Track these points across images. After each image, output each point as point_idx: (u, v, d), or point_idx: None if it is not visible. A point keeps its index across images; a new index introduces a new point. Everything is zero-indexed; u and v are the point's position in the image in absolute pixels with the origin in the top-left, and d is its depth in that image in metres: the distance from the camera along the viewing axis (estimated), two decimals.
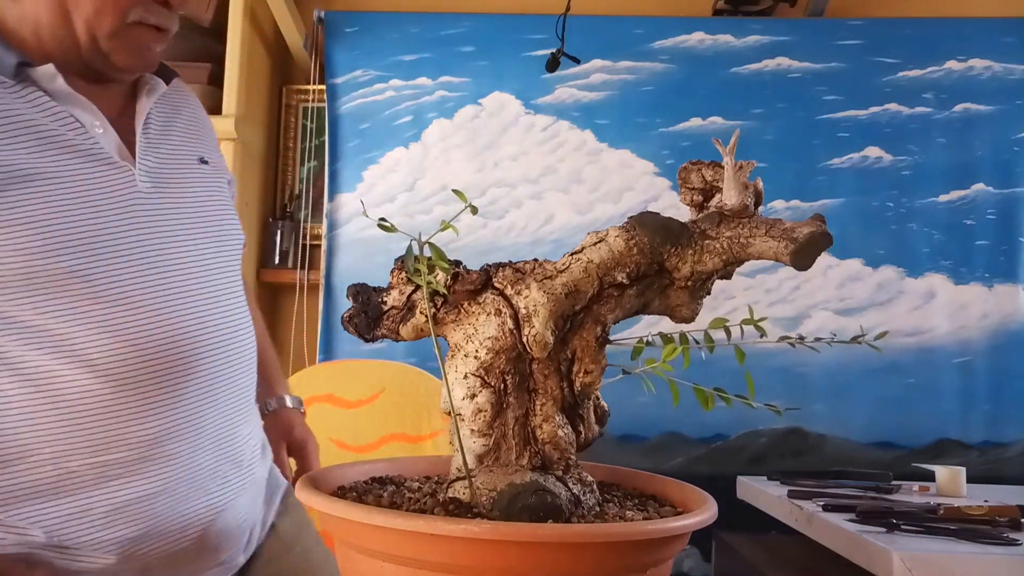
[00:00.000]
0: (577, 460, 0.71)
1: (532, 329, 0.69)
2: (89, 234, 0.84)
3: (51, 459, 0.81)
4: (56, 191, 0.83)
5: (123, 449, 0.84)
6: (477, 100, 2.24)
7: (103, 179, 0.88)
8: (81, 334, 0.82)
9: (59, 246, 0.82)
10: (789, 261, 0.67)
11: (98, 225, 0.85)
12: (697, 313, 0.73)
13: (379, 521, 0.60)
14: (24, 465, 0.81)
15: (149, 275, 0.88)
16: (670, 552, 0.66)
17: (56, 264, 0.81)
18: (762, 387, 2.44)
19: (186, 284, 0.91)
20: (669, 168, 2.19)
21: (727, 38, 2.22)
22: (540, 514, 0.63)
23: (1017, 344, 2.11)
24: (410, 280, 0.73)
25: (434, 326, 0.73)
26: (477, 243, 2.18)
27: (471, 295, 0.72)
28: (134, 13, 0.90)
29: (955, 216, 2.15)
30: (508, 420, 0.70)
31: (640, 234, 0.71)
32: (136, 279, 0.87)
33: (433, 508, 0.66)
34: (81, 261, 0.83)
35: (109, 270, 0.85)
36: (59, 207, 0.83)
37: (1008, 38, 2.18)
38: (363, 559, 0.64)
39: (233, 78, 2.05)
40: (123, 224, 0.88)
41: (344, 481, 0.77)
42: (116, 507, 0.84)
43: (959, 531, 1.26)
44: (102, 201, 0.87)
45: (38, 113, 0.86)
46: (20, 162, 0.83)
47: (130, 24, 0.90)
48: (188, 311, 0.90)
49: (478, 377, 0.70)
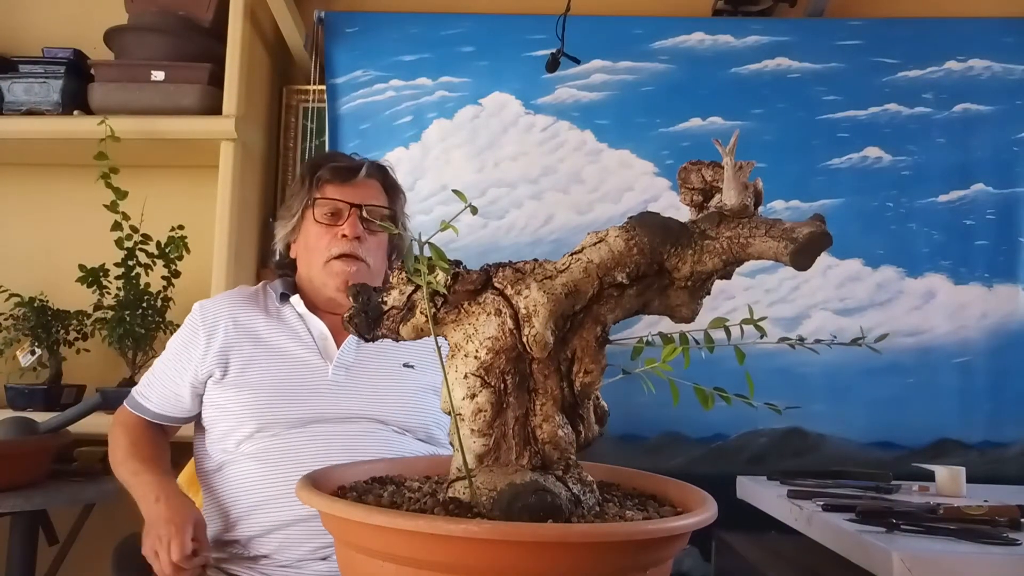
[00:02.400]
0: (577, 460, 0.71)
1: (532, 329, 0.69)
2: (287, 400, 1.35)
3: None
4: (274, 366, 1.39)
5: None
6: (477, 100, 2.23)
7: (308, 368, 1.39)
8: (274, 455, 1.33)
9: (262, 400, 1.35)
10: (789, 261, 0.66)
11: (294, 396, 1.35)
12: (697, 313, 0.73)
13: (379, 521, 0.60)
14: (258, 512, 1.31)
15: (316, 439, 1.32)
16: (670, 552, 0.66)
17: (262, 410, 1.34)
18: (762, 387, 2.42)
19: (331, 447, 1.30)
20: (669, 168, 2.18)
21: (727, 38, 2.22)
22: (540, 514, 0.63)
23: (1017, 344, 2.10)
24: (410, 280, 0.73)
25: (434, 326, 0.73)
26: (477, 243, 2.18)
27: (471, 295, 0.72)
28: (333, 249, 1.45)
29: (955, 216, 2.14)
30: (508, 420, 0.70)
31: (640, 234, 0.71)
32: (306, 439, 1.32)
33: (433, 508, 0.66)
34: (273, 419, 1.33)
35: (296, 427, 1.33)
36: (273, 377, 1.37)
37: (1008, 38, 2.18)
38: (363, 559, 0.64)
39: (233, 78, 2.05)
40: (310, 400, 1.35)
41: (344, 481, 0.77)
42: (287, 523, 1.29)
43: (959, 531, 1.25)
44: (300, 380, 1.37)
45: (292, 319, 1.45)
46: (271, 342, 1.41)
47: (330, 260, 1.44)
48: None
49: (478, 377, 0.70)
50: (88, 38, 2.26)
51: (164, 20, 2.13)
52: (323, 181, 1.48)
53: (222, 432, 1.37)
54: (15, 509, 1.63)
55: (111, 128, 1.94)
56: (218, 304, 1.46)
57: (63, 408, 1.90)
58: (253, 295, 1.49)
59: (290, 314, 1.46)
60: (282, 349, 1.40)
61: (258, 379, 1.37)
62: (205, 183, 2.14)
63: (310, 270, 1.48)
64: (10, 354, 2.03)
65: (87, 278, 1.98)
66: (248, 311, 1.44)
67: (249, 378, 1.37)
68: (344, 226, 1.44)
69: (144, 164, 2.22)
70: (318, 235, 1.46)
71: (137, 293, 1.97)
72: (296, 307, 1.46)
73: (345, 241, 1.43)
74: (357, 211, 1.46)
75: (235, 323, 1.41)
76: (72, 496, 1.72)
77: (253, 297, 1.48)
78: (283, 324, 1.44)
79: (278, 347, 1.40)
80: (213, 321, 1.41)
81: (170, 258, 2.01)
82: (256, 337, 1.41)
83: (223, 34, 2.09)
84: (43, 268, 2.27)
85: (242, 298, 1.47)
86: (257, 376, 1.37)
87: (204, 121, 2.04)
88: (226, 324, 1.41)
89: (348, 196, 1.47)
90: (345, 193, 1.47)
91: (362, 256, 1.44)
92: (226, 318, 1.42)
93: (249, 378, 1.37)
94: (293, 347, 1.40)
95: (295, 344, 1.41)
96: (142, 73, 2.07)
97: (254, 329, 1.42)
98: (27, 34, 2.41)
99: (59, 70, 2.11)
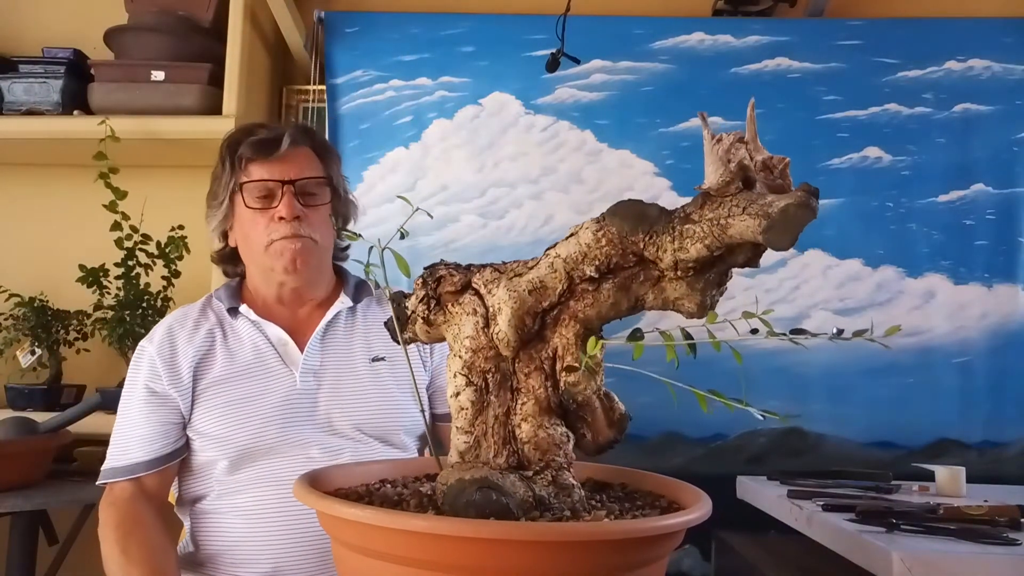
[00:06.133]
0: (566, 462, 0.69)
1: (497, 327, 0.69)
2: (257, 420, 1.27)
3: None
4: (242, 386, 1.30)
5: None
6: (477, 100, 2.24)
7: (273, 379, 1.30)
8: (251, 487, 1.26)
9: (236, 428, 1.26)
10: (763, 240, 0.60)
11: (264, 414, 1.27)
12: (705, 306, 0.66)
13: (369, 519, 0.61)
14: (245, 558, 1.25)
15: (296, 452, 1.25)
16: (662, 551, 0.65)
17: (238, 438, 1.26)
18: (762, 387, 2.42)
19: (314, 460, 1.23)
20: (669, 168, 2.19)
21: (727, 38, 2.22)
22: (485, 511, 0.61)
23: (1017, 344, 2.10)
24: (424, 283, 0.75)
25: (430, 328, 0.74)
26: (477, 243, 2.18)
27: (454, 296, 0.73)
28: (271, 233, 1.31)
29: (955, 216, 2.14)
30: (488, 418, 0.70)
31: (609, 224, 0.67)
32: (286, 455, 1.25)
33: (411, 503, 0.68)
34: (252, 439, 1.25)
35: (272, 447, 1.26)
36: (241, 398, 1.29)
37: (1008, 38, 2.18)
38: (356, 557, 0.64)
39: (233, 78, 2.05)
40: (282, 414, 1.27)
41: (344, 482, 0.77)
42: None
43: (959, 531, 1.25)
44: (269, 395, 1.29)
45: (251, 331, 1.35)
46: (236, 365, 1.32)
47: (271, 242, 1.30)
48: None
49: (463, 376, 0.71)
50: (88, 38, 2.26)
51: (164, 20, 2.13)
52: (246, 160, 1.33)
53: (200, 464, 1.30)
54: (15, 509, 1.63)
55: (111, 128, 1.94)
56: (167, 336, 1.33)
57: (63, 408, 1.90)
58: (200, 313, 1.37)
59: (243, 326, 1.35)
60: (246, 367, 1.30)
61: (227, 405, 1.27)
62: (205, 183, 2.13)
63: (252, 258, 1.35)
64: (10, 354, 2.03)
65: (87, 278, 1.98)
66: (198, 335, 1.33)
67: (218, 405, 1.28)
68: (280, 207, 1.29)
69: (144, 164, 2.22)
70: (252, 221, 1.32)
71: (137, 293, 1.97)
72: (248, 316, 1.35)
73: (284, 223, 1.29)
74: (291, 188, 1.30)
75: (192, 352, 1.30)
76: (72, 496, 1.72)
77: (201, 315, 1.36)
78: (238, 339, 1.34)
79: (241, 366, 1.30)
80: (170, 355, 1.30)
81: (170, 258, 2.01)
82: (214, 361, 1.31)
83: (223, 34, 2.09)
84: (43, 268, 2.27)
85: (192, 322, 1.35)
86: (225, 401, 1.28)
87: (204, 121, 2.04)
88: (184, 354, 1.30)
89: (276, 173, 1.31)
90: (272, 170, 1.31)
91: (305, 234, 1.30)
92: (183, 346, 1.31)
93: (218, 405, 1.28)
94: (254, 362, 1.31)
95: (255, 358, 1.31)
96: (142, 73, 2.07)
97: (211, 353, 1.31)
98: (27, 34, 2.41)
99: (59, 70, 2.11)
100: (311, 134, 1.42)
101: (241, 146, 1.33)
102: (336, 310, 1.38)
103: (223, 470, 1.26)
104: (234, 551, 1.25)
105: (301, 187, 1.32)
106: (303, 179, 1.33)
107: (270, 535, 1.23)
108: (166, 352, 1.31)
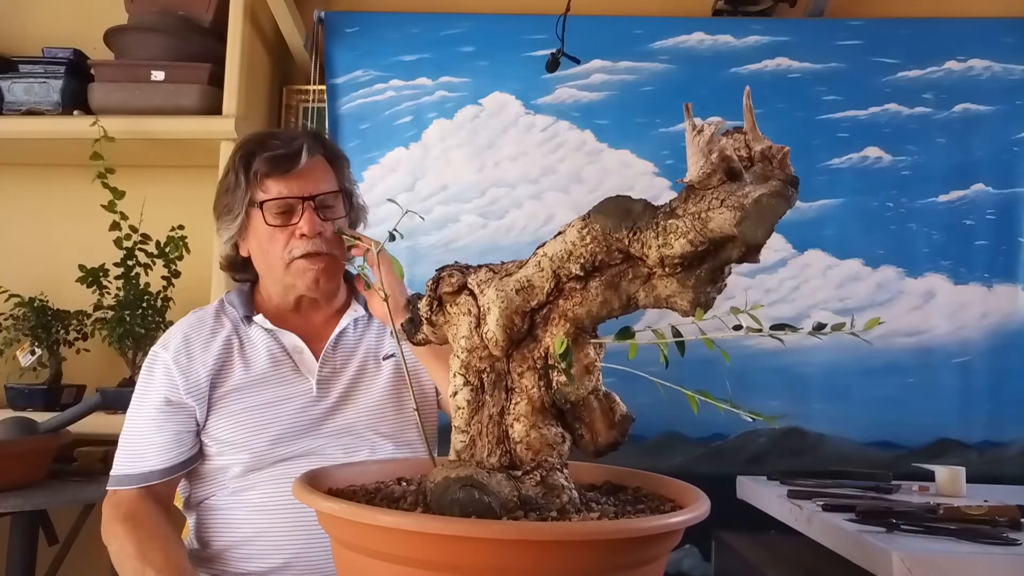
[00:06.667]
0: (560, 463, 0.69)
1: (486, 327, 0.69)
2: (276, 427, 1.27)
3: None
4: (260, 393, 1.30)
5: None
6: (477, 100, 2.24)
7: (290, 387, 1.31)
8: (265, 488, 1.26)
9: (254, 434, 1.26)
10: (738, 233, 0.57)
11: (281, 421, 1.28)
12: (700, 304, 0.64)
13: (347, 515, 0.61)
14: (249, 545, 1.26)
15: (314, 457, 1.25)
16: (656, 551, 0.65)
17: (256, 443, 1.26)
18: (761, 386, 2.42)
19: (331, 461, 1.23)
20: (669, 168, 2.18)
21: (727, 38, 2.22)
22: (468, 510, 0.61)
23: (1017, 344, 2.10)
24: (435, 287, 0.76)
25: (435, 328, 0.75)
26: (477, 243, 2.18)
27: (453, 296, 0.73)
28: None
29: (955, 216, 2.14)
30: (484, 418, 0.70)
31: (593, 221, 0.65)
32: (302, 459, 1.25)
33: (408, 501, 0.68)
34: (270, 446, 1.25)
35: (289, 454, 1.26)
36: (259, 404, 1.29)
37: (1008, 38, 2.18)
38: (348, 553, 0.64)
39: (233, 78, 2.05)
40: (299, 421, 1.28)
41: (346, 482, 0.78)
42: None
43: (959, 531, 1.25)
44: (286, 403, 1.29)
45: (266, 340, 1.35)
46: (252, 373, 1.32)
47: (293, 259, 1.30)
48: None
49: (461, 375, 0.71)
50: (88, 38, 2.26)
51: (164, 20, 2.14)
52: (262, 176, 1.30)
53: (213, 469, 1.29)
54: (15, 509, 1.63)
55: (103, 128, 1.94)
56: (184, 344, 1.32)
57: (63, 408, 1.90)
58: (215, 319, 1.36)
59: (258, 333, 1.35)
60: (262, 375, 1.30)
61: (245, 411, 1.27)
62: (205, 183, 2.13)
63: (271, 274, 1.35)
64: (10, 354, 2.03)
65: (87, 278, 1.98)
66: (215, 343, 1.32)
67: (236, 411, 1.27)
68: (301, 224, 1.29)
69: (144, 164, 2.22)
70: (272, 238, 1.30)
71: (137, 293, 1.97)
72: (263, 325, 1.35)
73: (305, 240, 1.29)
74: (310, 204, 1.29)
75: (210, 361, 1.30)
76: (72, 496, 1.71)
77: (216, 322, 1.36)
78: (254, 347, 1.33)
79: (258, 374, 1.30)
80: (187, 363, 1.29)
81: (170, 258, 2.01)
82: (232, 370, 1.30)
83: (223, 34, 2.09)
84: (43, 268, 2.27)
85: (208, 330, 1.34)
86: (243, 407, 1.28)
87: (204, 121, 2.04)
88: (202, 363, 1.29)
89: (296, 189, 1.30)
90: (291, 186, 1.30)
91: (327, 251, 1.31)
92: (199, 355, 1.30)
93: (236, 411, 1.27)
94: (270, 370, 1.31)
95: (271, 366, 1.31)
96: (142, 73, 2.07)
97: (229, 361, 1.31)
98: (27, 34, 2.41)
99: (59, 70, 2.11)
100: (323, 141, 1.41)
101: (256, 160, 1.31)
102: (349, 319, 1.40)
103: (237, 474, 1.27)
104: (244, 546, 1.25)
105: (320, 201, 1.32)
106: (322, 194, 1.32)
107: (282, 530, 1.23)
108: (183, 360, 1.29)
